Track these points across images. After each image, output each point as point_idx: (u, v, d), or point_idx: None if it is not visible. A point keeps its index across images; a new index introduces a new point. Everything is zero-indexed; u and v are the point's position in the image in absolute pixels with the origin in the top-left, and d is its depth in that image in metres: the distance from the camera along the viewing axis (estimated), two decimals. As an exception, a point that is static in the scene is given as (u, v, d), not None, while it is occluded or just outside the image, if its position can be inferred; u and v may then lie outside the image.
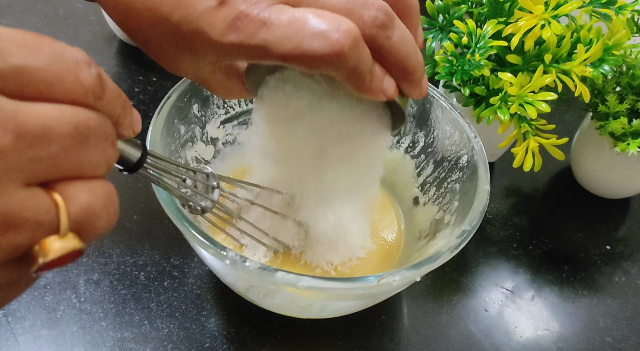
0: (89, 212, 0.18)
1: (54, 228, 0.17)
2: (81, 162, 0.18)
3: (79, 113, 0.18)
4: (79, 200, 0.18)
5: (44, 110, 0.17)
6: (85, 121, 0.18)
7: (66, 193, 0.17)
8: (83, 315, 0.43)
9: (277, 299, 0.38)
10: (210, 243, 0.32)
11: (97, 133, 0.18)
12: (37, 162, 0.16)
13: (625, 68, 0.54)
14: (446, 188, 0.46)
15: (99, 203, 0.18)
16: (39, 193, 0.17)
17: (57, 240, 0.17)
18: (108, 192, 0.19)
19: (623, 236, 0.58)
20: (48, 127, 0.17)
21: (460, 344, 0.45)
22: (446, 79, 0.51)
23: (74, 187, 0.18)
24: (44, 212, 0.17)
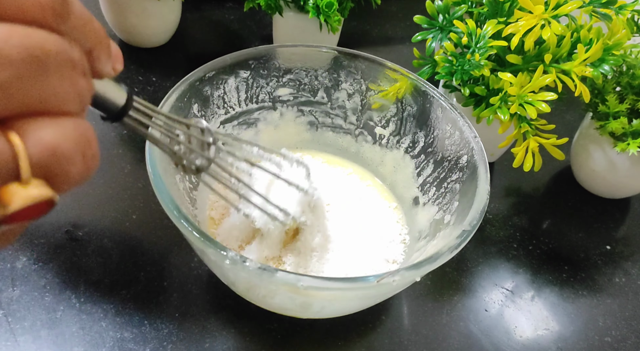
0: (57, 154, 0.15)
1: (14, 174, 0.15)
2: (42, 94, 0.15)
3: (32, 34, 0.15)
4: (42, 140, 0.15)
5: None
6: (41, 43, 0.15)
7: (26, 131, 0.15)
8: (83, 315, 0.43)
9: (277, 299, 0.38)
10: (210, 243, 0.32)
11: (58, 59, 0.15)
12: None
13: (625, 68, 0.54)
14: (446, 188, 0.46)
15: (69, 143, 0.16)
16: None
17: (19, 188, 0.15)
18: (83, 130, 0.16)
19: (623, 236, 0.58)
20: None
21: (460, 344, 0.45)
22: (446, 79, 0.51)
23: (36, 124, 0.15)
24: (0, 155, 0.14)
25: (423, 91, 0.48)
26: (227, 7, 0.79)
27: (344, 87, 0.52)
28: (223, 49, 0.65)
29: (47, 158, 0.15)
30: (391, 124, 0.52)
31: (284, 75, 0.51)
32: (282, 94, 0.52)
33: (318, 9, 0.61)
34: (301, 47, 0.50)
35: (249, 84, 0.49)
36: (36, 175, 0.15)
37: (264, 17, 0.78)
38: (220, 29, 0.76)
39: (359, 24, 0.81)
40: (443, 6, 0.52)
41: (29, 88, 0.15)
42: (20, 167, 0.15)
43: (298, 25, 0.65)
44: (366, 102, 0.52)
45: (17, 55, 0.14)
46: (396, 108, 0.51)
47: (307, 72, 0.51)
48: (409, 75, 0.49)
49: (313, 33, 0.65)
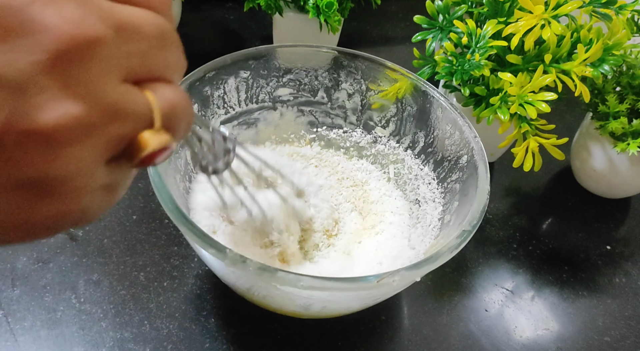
0: (175, 110, 0.19)
1: (150, 123, 0.18)
2: (164, 64, 0.19)
3: (159, 18, 0.19)
4: (167, 99, 0.19)
5: (133, 11, 0.18)
6: (164, 24, 0.19)
7: (156, 91, 0.19)
8: (83, 316, 0.43)
9: (277, 299, 0.38)
10: (210, 243, 0.32)
11: (172, 38, 0.19)
12: (131, 57, 0.18)
13: (625, 68, 0.54)
14: (446, 188, 0.46)
15: (182, 103, 0.20)
16: (135, 89, 0.18)
17: (152, 135, 0.18)
18: (186, 95, 0.20)
19: (623, 236, 0.58)
20: (139, 25, 0.18)
21: (460, 344, 0.45)
22: (446, 79, 0.51)
23: (161, 87, 0.19)
24: (141, 106, 0.18)
25: (423, 91, 0.48)
26: (227, 7, 0.79)
27: (344, 87, 0.52)
28: (223, 49, 0.65)
29: (169, 112, 0.19)
30: (391, 124, 0.52)
31: (284, 75, 0.51)
32: (282, 94, 0.52)
33: (318, 9, 0.61)
34: (301, 47, 0.50)
35: (249, 83, 0.49)
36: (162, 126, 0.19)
37: (264, 17, 0.78)
38: (220, 29, 0.76)
39: (359, 24, 0.81)
40: (443, 6, 0.52)
41: (157, 58, 0.19)
42: (154, 117, 0.18)
43: (298, 25, 0.65)
44: (366, 102, 0.52)
45: (152, 33, 0.18)
46: (396, 108, 0.51)
47: (307, 72, 0.51)
48: (409, 75, 0.49)
49: (313, 33, 0.65)
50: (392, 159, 0.53)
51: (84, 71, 0.16)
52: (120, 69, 0.17)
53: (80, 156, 0.16)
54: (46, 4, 0.15)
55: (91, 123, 0.16)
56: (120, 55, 0.17)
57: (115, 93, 0.17)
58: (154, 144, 0.18)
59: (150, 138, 0.18)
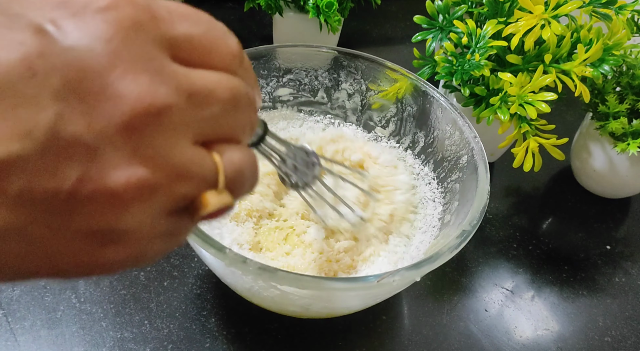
0: (240, 172, 0.20)
1: (213, 184, 0.19)
2: (234, 125, 0.20)
3: (232, 80, 0.20)
4: (233, 161, 0.19)
5: (207, 75, 0.19)
6: (237, 87, 0.20)
7: (223, 153, 0.19)
8: (83, 315, 0.43)
9: (277, 299, 0.38)
10: (210, 243, 0.32)
11: (245, 98, 0.20)
12: (202, 121, 0.18)
13: (625, 68, 0.54)
14: (446, 188, 0.46)
15: (247, 165, 0.20)
16: (203, 152, 0.19)
17: (214, 195, 0.19)
18: (254, 157, 0.21)
19: (623, 236, 0.58)
20: (212, 90, 0.18)
21: (460, 344, 0.45)
22: (446, 79, 0.51)
23: (230, 149, 0.19)
24: (207, 168, 0.18)
25: (423, 91, 0.48)
26: (227, 7, 0.79)
27: (344, 87, 0.52)
28: (223, 49, 0.65)
29: (234, 174, 0.19)
30: (391, 124, 0.52)
31: (284, 75, 0.51)
32: (282, 94, 0.52)
33: (318, 9, 0.61)
34: (301, 47, 0.50)
35: (249, 84, 0.49)
36: (225, 187, 0.19)
37: (264, 17, 0.78)
38: (220, 29, 0.76)
39: (359, 24, 0.81)
40: (443, 6, 0.52)
41: (228, 120, 0.19)
42: (219, 179, 0.19)
43: (298, 25, 0.65)
44: (366, 102, 0.52)
45: (224, 96, 0.19)
46: (396, 108, 0.51)
47: (307, 72, 0.51)
48: (409, 75, 0.49)
49: (313, 33, 0.65)
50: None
51: (153, 137, 0.17)
52: (191, 133, 0.18)
53: (145, 212, 0.17)
54: (125, 71, 0.16)
55: (156, 184, 0.17)
56: (191, 120, 0.18)
57: (183, 156, 0.18)
58: (215, 205, 0.19)
59: (212, 199, 0.19)
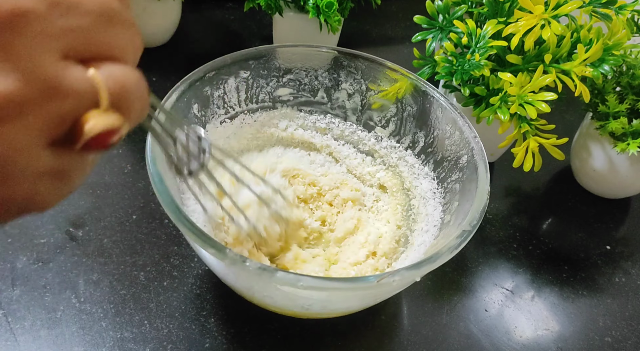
0: (125, 88, 0.18)
1: (95, 102, 0.17)
2: (111, 42, 0.19)
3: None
4: (115, 76, 0.18)
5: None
6: (110, 3, 0.18)
7: (102, 69, 0.18)
8: (83, 315, 0.43)
9: (277, 299, 0.38)
10: (210, 243, 0.32)
11: (121, 16, 0.19)
12: (69, 32, 0.17)
13: (625, 68, 0.54)
14: (446, 188, 0.46)
15: (133, 81, 0.19)
16: (77, 67, 0.17)
17: (99, 115, 0.17)
18: (138, 76, 0.20)
19: (623, 236, 0.58)
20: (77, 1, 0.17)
21: (460, 344, 0.45)
22: (446, 79, 0.51)
23: (109, 65, 0.18)
24: (82, 83, 0.17)
25: (423, 91, 0.48)
26: (227, 7, 0.79)
27: (344, 87, 0.52)
28: (223, 49, 0.65)
29: (118, 91, 0.18)
30: (391, 124, 0.52)
31: (284, 75, 0.51)
32: (282, 94, 0.52)
33: (318, 9, 0.61)
34: (301, 47, 0.50)
35: (249, 84, 0.49)
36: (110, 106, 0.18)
37: (264, 17, 0.78)
38: (220, 29, 0.76)
39: (359, 24, 0.81)
40: (443, 6, 0.52)
41: (100, 35, 0.18)
42: (100, 95, 0.17)
43: (298, 25, 0.65)
44: (366, 102, 0.52)
45: (94, 8, 0.18)
46: (396, 108, 0.51)
47: (307, 72, 0.51)
48: (409, 75, 0.49)
49: (313, 33, 0.65)
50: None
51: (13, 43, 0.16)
52: (58, 44, 0.17)
53: (15, 136, 0.16)
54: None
55: (25, 100, 0.16)
56: (56, 29, 0.17)
57: (51, 68, 0.16)
58: (100, 125, 0.17)
59: (96, 119, 0.17)
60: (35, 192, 0.17)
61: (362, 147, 0.54)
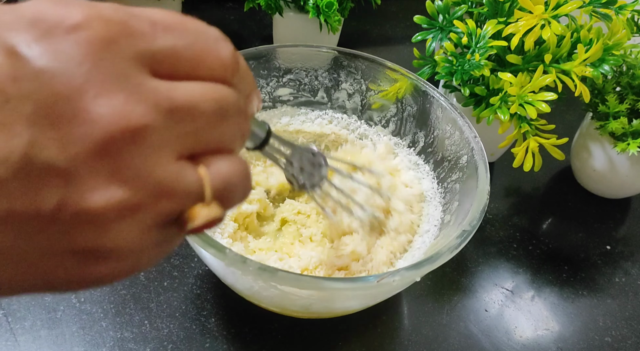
0: (229, 183, 0.19)
1: (200, 197, 0.19)
2: (222, 136, 0.19)
3: (219, 90, 0.19)
4: (220, 173, 0.19)
5: (191, 88, 0.18)
6: (225, 97, 0.19)
7: (210, 166, 0.19)
8: (83, 315, 0.43)
9: (277, 299, 0.38)
10: (210, 243, 0.32)
11: (234, 108, 0.20)
12: (185, 136, 0.18)
13: (625, 68, 0.54)
14: (446, 188, 0.46)
15: (237, 175, 0.20)
16: (188, 166, 0.18)
17: (202, 208, 0.19)
18: (244, 166, 0.20)
19: (623, 236, 0.58)
20: (194, 104, 0.18)
21: (460, 344, 0.45)
22: (446, 79, 0.51)
23: (217, 161, 0.19)
24: (191, 183, 0.18)
25: (423, 91, 0.48)
26: (227, 7, 0.79)
27: (344, 87, 0.52)
28: (223, 49, 0.65)
29: (222, 186, 0.19)
30: (391, 124, 0.52)
31: (284, 75, 0.51)
32: (282, 94, 0.52)
33: (318, 9, 0.61)
34: (301, 47, 0.50)
35: (249, 84, 0.49)
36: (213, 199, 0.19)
37: (264, 17, 0.78)
38: (220, 29, 0.76)
39: (359, 24, 0.81)
40: (443, 6, 0.52)
41: (214, 132, 0.19)
42: (205, 193, 0.19)
43: (298, 25, 0.65)
44: (366, 102, 0.52)
45: (209, 109, 0.18)
46: (396, 108, 0.51)
47: (307, 72, 0.51)
48: (409, 75, 0.49)
49: (313, 33, 0.65)
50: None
51: (130, 158, 0.17)
52: (173, 149, 0.18)
53: (127, 231, 0.17)
54: (98, 94, 0.16)
55: (137, 204, 0.17)
56: (172, 137, 0.18)
57: (164, 174, 0.17)
58: (203, 218, 0.19)
59: (200, 212, 0.19)
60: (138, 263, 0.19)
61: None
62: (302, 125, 0.53)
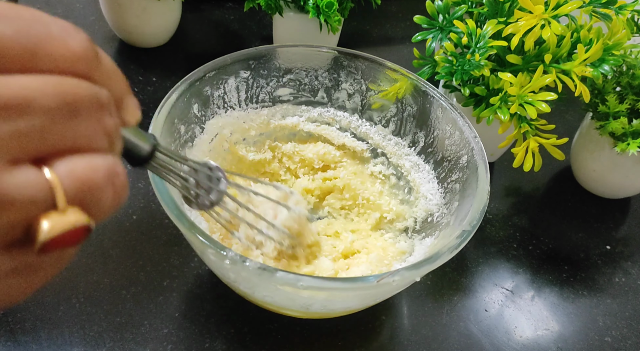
0: (89, 186, 0.17)
1: (51, 204, 0.16)
2: (74, 134, 0.17)
3: (64, 83, 0.17)
4: (75, 173, 0.17)
5: (24, 81, 0.16)
6: (73, 90, 0.17)
7: (60, 167, 0.16)
8: (83, 315, 0.43)
9: (277, 299, 0.38)
10: (210, 243, 0.32)
11: (88, 102, 0.17)
12: (20, 137, 0.15)
13: (625, 68, 0.54)
14: (446, 188, 0.46)
15: (100, 176, 0.17)
16: (28, 170, 0.16)
17: (57, 216, 0.16)
18: (109, 164, 0.18)
19: (623, 236, 0.58)
20: (29, 99, 0.16)
21: (460, 344, 0.45)
22: (446, 79, 0.51)
23: (69, 161, 0.17)
24: (35, 188, 0.16)
25: (423, 91, 0.48)
26: (227, 7, 0.79)
27: (344, 87, 0.52)
28: (223, 49, 0.65)
29: (79, 188, 0.17)
30: (391, 124, 0.52)
31: (284, 75, 0.51)
32: (283, 94, 0.52)
33: (318, 9, 0.61)
34: (301, 47, 0.50)
35: (249, 83, 0.49)
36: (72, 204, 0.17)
37: (264, 17, 0.78)
38: (220, 29, 0.76)
39: (359, 24, 0.81)
40: (443, 6, 0.52)
41: (61, 130, 0.16)
42: (56, 197, 0.16)
43: (298, 25, 0.65)
44: (366, 102, 0.52)
45: (51, 103, 0.16)
46: (396, 109, 0.51)
47: (307, 72, 0.51)
48: (409, 75, 0.49)
49: (313, 33, 0.65)
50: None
51: None
52: (6, 152, 0.15)
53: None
54: None
55: None
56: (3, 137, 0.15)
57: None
58: (56, 227, 0.16)
59: (53, 221, 0.16)
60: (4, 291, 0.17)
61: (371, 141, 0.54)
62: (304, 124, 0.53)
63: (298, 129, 0.53)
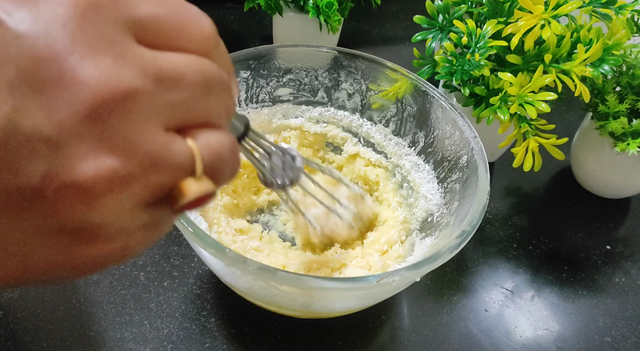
0: (219, 157, 0.19)
1: (191, 171, 0.18)
2: (208, 110, 0.19)
3: (204, 63, 0.19)
4: (210, 146, 0.19)
5: (176, 58, 0.18)
6: (210, 69, 0.19)
7: (199, 139, 0.18)
8: (83, 316, 0.43)
9: (277, 299, 0.38)
10: (210, 243, 0.32)
11: (218, 82, 0.19)
12: (173, 106, 0.17)
13: (625, 68, 0.54)
14: (446, 188, 0.46)
15: (226, 150, 0.19)
16: (177, 138, 0.18)
17: (194, 183, 0.18)
18: (233, 141, 0.20)
19: (623, 236, 0.58)
20: (181, 74, 0.18)
21: (460, 344, 0.45)
22: (446, 79, 0.51)
23: (206, 134, 0.19)
24: (182, 155, 0.18)
25: (423, 91, 0.48)
26: (227, 7, 0.79)
27: (344, 87, 0.52)
28: (223, 49, 0.64)
29: (212, 159, 0.19)
30: (391, 124, 0.52)
31: (284, 75, 0.51)
32: (282, 94, 0.52)
33: (318, 9, 0.61)
34: (301, 47, 0.50)
35: (249, 83, 0.49)
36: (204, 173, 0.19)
37: (264, 17, 0.78)
38: (220, 29, 0.75)
39: (359, 24, 0.81)
40: (443, 6, 0.52)
41: (200, 105, 0.18)
42: (196, 166, 0.18)
43: (298, 25, 0.65)
44: (366, 102, 0.52)
45: (196, 80, 0.18)
46: (396, 108, 0.51)
47: (307, 72, 0.51)
48: (409, 75, 0.49)
49: (313, 33, 0.65)
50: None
51: (121, 124, 0.16)
52: (161, 119, 0.17)
53: (118, 205, 0.16)
54: (84, 56, 0.15)
55: (128, 174, 0.16)
56: (160, 105, 0.17)
57: (155, 144, 0.17)
58: (195, 193, 0.18)
59: (191, 187, 0.18)
60: (128, 246, 0.18)
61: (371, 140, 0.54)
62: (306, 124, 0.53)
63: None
